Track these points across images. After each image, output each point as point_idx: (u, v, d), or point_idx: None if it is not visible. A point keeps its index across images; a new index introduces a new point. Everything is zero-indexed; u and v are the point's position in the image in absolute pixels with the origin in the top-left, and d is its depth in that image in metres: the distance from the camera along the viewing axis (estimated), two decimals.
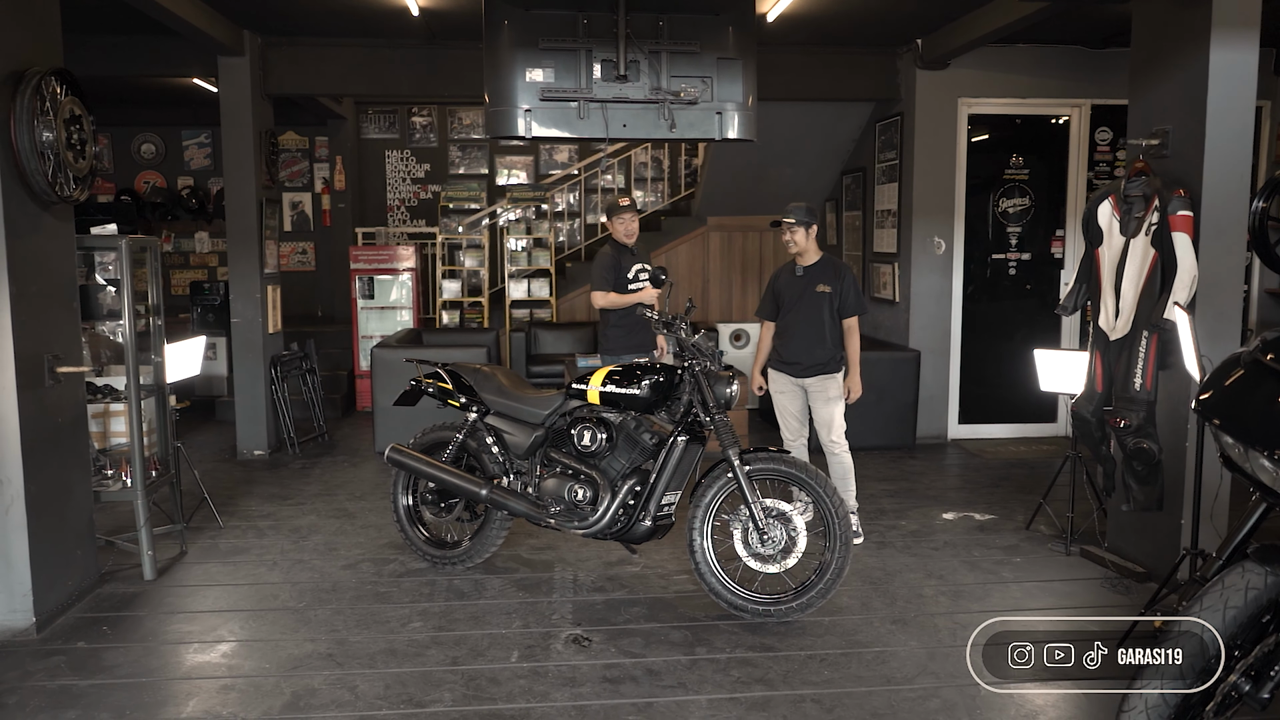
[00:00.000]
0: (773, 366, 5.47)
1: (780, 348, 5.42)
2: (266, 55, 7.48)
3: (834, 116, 8.62)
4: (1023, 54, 7.57)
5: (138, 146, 11.76)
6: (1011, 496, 6.28)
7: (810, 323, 5.28)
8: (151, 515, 4.86)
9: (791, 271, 5.42)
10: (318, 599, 4.57)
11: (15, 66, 4.01)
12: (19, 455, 4.04)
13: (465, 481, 4.73)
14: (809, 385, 5.32)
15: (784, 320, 5.41)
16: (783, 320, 5.41)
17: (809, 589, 4.23)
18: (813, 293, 5.29)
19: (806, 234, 5.29)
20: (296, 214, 11.77)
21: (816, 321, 5.27)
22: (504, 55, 4.55)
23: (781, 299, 5.43)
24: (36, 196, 4.13)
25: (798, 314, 5.33)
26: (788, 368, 5.37)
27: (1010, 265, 7.96)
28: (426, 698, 3.58)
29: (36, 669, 3.82)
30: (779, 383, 5.44)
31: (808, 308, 5.30)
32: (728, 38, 4.66)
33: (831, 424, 5.28)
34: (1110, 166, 7.84)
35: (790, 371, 5.36)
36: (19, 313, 4.02)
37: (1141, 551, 4.84)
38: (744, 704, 3.54)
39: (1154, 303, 4.52)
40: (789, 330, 5.36)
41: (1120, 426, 4.67)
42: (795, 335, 5.32)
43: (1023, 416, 8.07)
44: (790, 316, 5.36)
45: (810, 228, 5.30)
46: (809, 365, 5.29)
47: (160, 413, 5.20)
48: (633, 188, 11.86)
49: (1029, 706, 3.49)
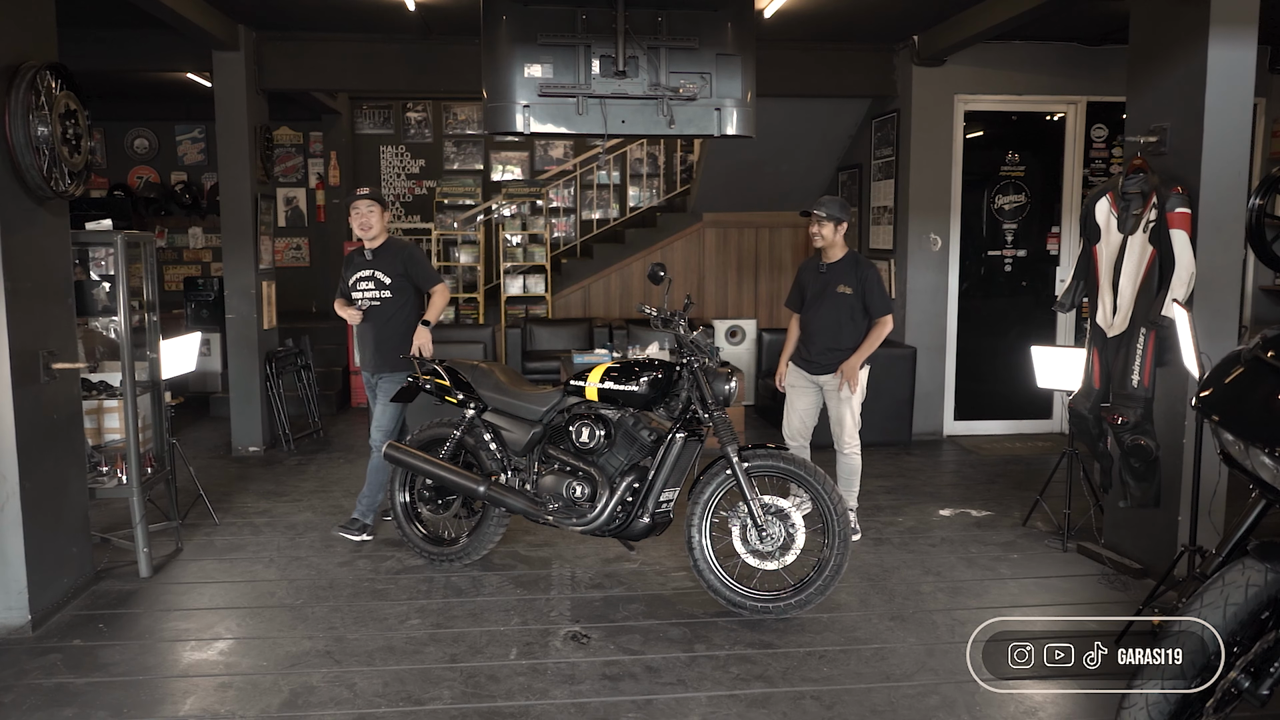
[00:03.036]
0: (793, 360, 5.44)
1: (801, 342, 5.40)
2: (261, 50, 7.45)
3: (830, 113, 8.62)
4: (1019, 51, 7.57)
5: (131, 141, 11.71)
6: (1008, 493, 6.29)
7: (827, 322, 5.25)
8: (147, 512, 4.84)
9: (816, 266, 5.37)
10: (315, 596, 4.56)
11: (10, 60, 3.98)
12: (14, 452, 4.02)
13: (463, 478, 4.72)
14: (824, 382, 5.30)
15: (806, 315, 5.38)
16: (805, 314, 5.38)
17: (808, 585, 4.23)
18: (833, 292, 5.24)
19: (835, 229, 5.22)
20: (291, 209, 11.73)
21: (833, 322, 5.23)
22: (502, 50, 4.53)
23: (805, 292, 5.40)
24: (31, 192, 4.10)
25: (817, 311, 5.30)
26: (805, 364, 5.35)
27: (1006, 262, 7.97)
28: (425, 695, 3.57)
29: (32, 667, 3.80)
30: (793, 376, 5.42)
31: (827, 307, 5.26)
32: (726, 33, 4.65)
33: (843, 423, 5.23)
34: (1106, 164, 7.85)
35: (806, 368, 5.35)
36: (14, 309, 3.99)
37: (1138, 548, 4.85)
38: (744, 701, 3.54)
39: (1152, 299, 4.52)
40: (809, 326, 5.34)
41: (1118, 423, 4.68)
42: (814, 332, 5.30)
43: (1018, 413, 8.09)
44: (811, 313, 5.33)
45: (840, 224, 5.22)
46: (824, 364, 5.26)
47: (155, 409, 5.17)
48: (628, 184, 11.85)
49: (1028, 703, 3.49)
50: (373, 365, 5.29)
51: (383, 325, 5.23)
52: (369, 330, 5.26)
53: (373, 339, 5.25)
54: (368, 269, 5.26)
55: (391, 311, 5.24)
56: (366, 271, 5.26)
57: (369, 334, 5.26)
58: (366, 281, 5.25)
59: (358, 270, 5.30)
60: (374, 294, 5.24)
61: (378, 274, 5.23)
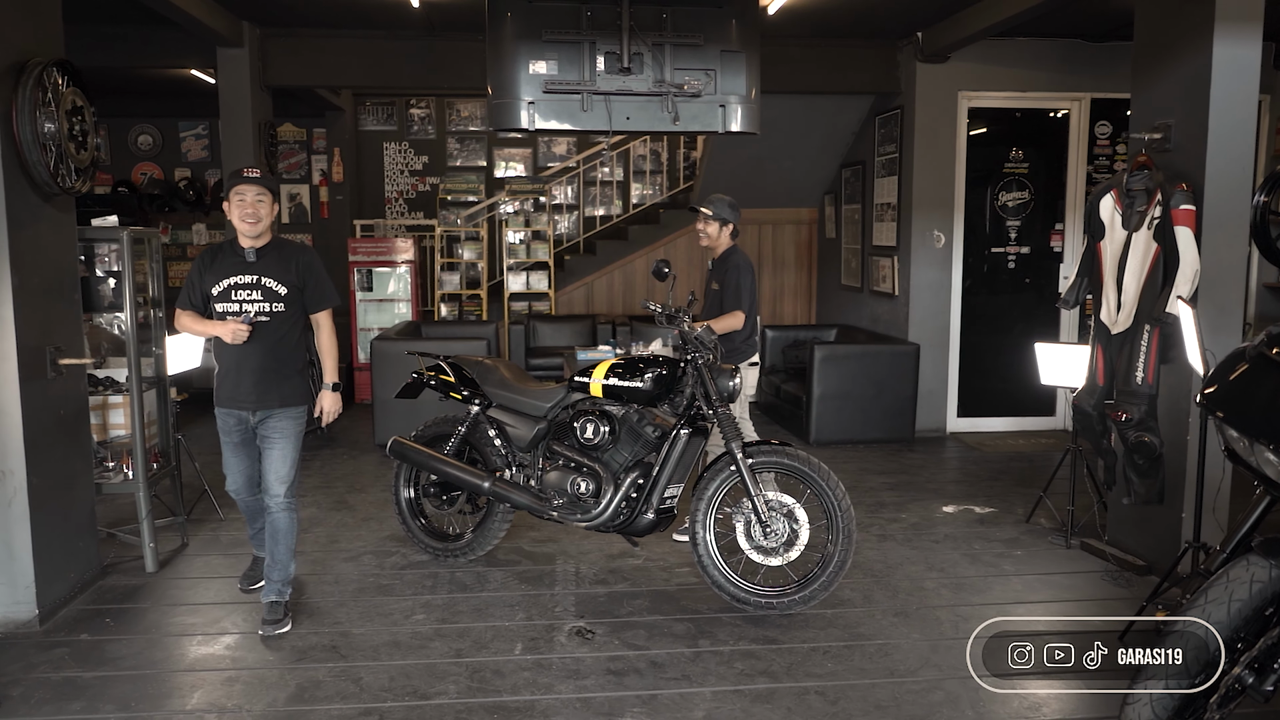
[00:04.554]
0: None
1: None
2: (265, 46, 7.46)
3: (834, 109, 8.62)
4: (1023, 47, 7.57)
5: (135, 138, 11.72)
6: (1011, 490, 6.30)
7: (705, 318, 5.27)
8: (153, 507, 4.86)
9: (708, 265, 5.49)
10: (320, 591, 4.57)
11: (17, 57, 3.99)
12: (22, 447, 4.03)
13: (468, 474, 4.73)
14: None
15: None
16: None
17: (812, 581, 4.24)
18: (710, 290, 5.39)
19: (721, 229, 5.26)
20: (294, 206, 11.74)
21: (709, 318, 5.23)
22: (507, 47, 4.53)
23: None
24: (38, 188, 4.12)
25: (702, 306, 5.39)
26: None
27: (1009, 259, 7.97)
28: (431, 690, 3.59)
29: (40, 661, 3.82)
30: None
31: (707, 303, 5.39)
32: (731, 30, 4.66)
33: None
34: (1110, 160, 7.85)
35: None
36: (21, 305, 4.00)
37: (1142, 545, 4.86)
38: (748, 696, 3.55)
39: (1156, 296, 4.52)
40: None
41: (1121, 420, 4.69)
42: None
43: (1021, 410, 8.09)
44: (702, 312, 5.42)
45: (726, 225, 5.25)
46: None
47: (161, 405, 5.19)
48: (631, 180, 11.85)
49: (1031, 700, 3.50)
50: (256, 400, 4.10)
51: (274, 346, 4.10)
52: (254, 354, 4.07)
53: (257, 365, 4.08)
54: (249, 274, 4.07)
55: (284, 331, 4.13)
56: (248, 277, 4.07)
57: (253, 359, 4.07)
58: (249, 290, 4.07)
59: (231, 275, 4.07)
60: (261, 306, 4.07)
61: (267, 282, 4.08)
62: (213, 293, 4.06)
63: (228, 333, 3.98)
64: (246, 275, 4.06)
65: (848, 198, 9.21)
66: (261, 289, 4.07)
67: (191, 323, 4.11)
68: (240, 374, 4.09)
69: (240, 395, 4.12)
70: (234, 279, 4.06)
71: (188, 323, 4.11)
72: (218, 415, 4.23)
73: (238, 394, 4.12)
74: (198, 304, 4.10)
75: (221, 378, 4.16)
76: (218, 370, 4.17)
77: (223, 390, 4.16)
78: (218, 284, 4.06)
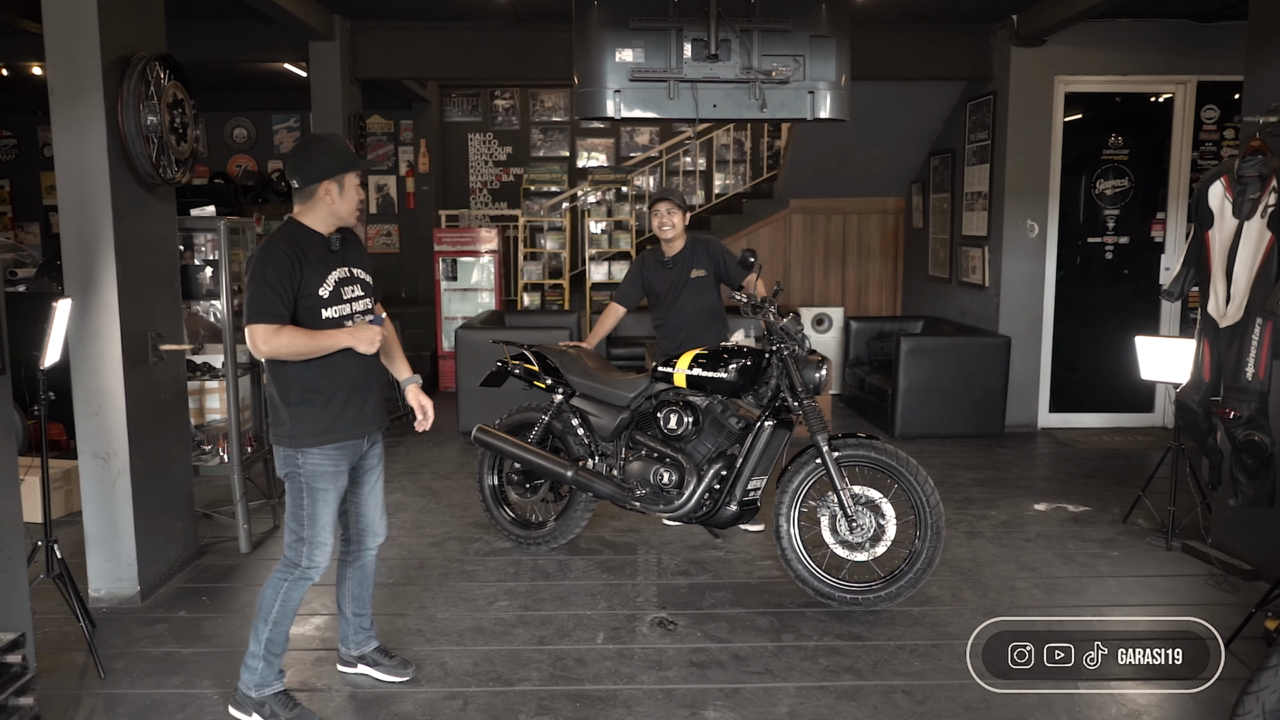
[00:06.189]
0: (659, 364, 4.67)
1: (665, 340, 5.18)
2: (355, 39, 7.59)
3: (923, 96, 8.41)
4: (1124, 29, 7.27)
5: (230, 130, 12.08)
6: (1107, 488, 6.08)
7: (693, 310, 5.14)
8: (246, 490, 4.99)
9: (659, 262, 5.21)
10: (406, 575, 4.64)
11: (122, 52, 4.12)
12: (125, 429, 4.18)
13: (551, 463, 4.74)
14: None
15: (664, 314, 5.22)
16: (663, 314, 5.23)
17: (898, 578, 4.15)
18: (688, 280, 5.13)
19: (684, 218, 5.14)
20: (382, 197, 11.97)
21: (699, 308, 5.14)
22: (593, 36, 4.52)
23: (655, 292, 5.23)
24: (141, 179, 4.25)
25: (676, 304, 5.16)
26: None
27: (1107, 249, 7.68)
28: (514, 676, 3.61)
29: (142, 636, 3.96)
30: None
31: (687, 296, 5.14)
32: (821, 15, 4.56)
33: None
34: (1217, 146, 7.50)
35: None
36: (125, 292, 4.15)
37: (1250, 549, 4.64)
38: (833, 693, 3.49)
39: (1269, 288, 4.29)
40: (672, 322, 5.18)
41: (1230, 418, 4.46)
42: (681, 324, 5.14)
43: (1117, 406, 7.80)
44: (671, 309, 5.18)
45: (686, 214, 5.17)
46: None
47: (255, 390, 5.33)
48: (714, 170, 11.77)
49: (1131, 706, 3.37)
50: (379, 418, 3.38)
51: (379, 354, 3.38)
52: (375, 363, 3.37)
53: (378, 376, 3.41)
54: (340, 266, 3.23)
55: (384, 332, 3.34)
56: (342, 271, 3.22)
57: (375, 369, 3.38)
58: (351, 286, 3.25)
59: (330, 269, 3.18)
60: (366, 303, 3.32)
61: (358, 273, 3.30)
62: (320, 295, 3.12)
63: (364, 341, 3.14)
64: (340, 269, 3.20)
65: (936, 186, 8.99)
66: (360, 283, 3.29)
67: (305, 340, 3.06)
68: (366, 391, 3.28)
69: (365, 418, 3.28)
70: (336, 274, 3.19)
71: (294, 341, 3.04)
72: (323, 459, 3.19)
73: (363, 417, 3.27)
74: (286, 313, 3.06)
75: (339, 403, 3.18)
76: (320, 399, 3.16)
77: (344, 417, 3.20)
78: (323, 284, 3.14)
